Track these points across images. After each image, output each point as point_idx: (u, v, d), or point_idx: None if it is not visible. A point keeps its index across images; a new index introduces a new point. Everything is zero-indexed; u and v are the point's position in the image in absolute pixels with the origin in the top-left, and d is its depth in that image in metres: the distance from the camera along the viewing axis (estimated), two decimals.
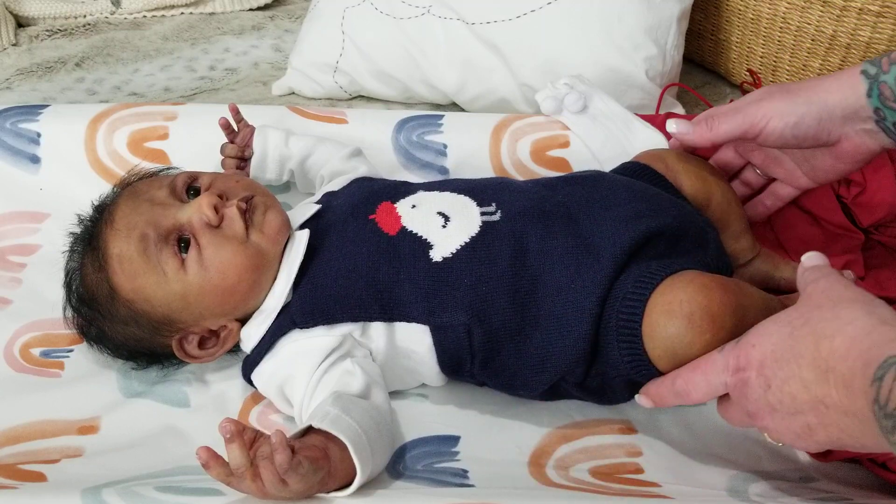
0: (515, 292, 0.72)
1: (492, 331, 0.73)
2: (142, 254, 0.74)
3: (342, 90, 1.25)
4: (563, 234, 0.74)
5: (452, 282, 0.73)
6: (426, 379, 0.78)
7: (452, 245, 0.74)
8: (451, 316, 0.73)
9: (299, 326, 0.74)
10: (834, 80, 0.74)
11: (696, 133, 0.78)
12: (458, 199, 0.78)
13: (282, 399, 0.75)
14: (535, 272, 0.73)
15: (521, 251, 0.74)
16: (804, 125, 0.73)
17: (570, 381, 0.73)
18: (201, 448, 0.61)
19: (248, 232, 0.75)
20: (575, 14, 1.14)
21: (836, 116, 0.73)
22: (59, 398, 0.78)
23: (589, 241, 0.73)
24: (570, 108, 0.99)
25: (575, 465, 0.74)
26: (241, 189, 0.78)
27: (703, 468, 0.74)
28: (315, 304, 0.74)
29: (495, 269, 0.73)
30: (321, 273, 0.76)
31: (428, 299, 0.73)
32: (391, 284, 0.74)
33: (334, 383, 0.71)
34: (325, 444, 0.64)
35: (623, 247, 0.72)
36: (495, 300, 0.72)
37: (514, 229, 0.75)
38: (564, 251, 0.73)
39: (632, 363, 0.68)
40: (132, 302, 0.75)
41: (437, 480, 0.70)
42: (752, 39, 1.23)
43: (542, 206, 0.77)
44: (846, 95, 0.72)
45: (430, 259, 0.74)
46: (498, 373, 0.75)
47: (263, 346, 0.75)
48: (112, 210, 0.77)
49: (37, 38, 1.38)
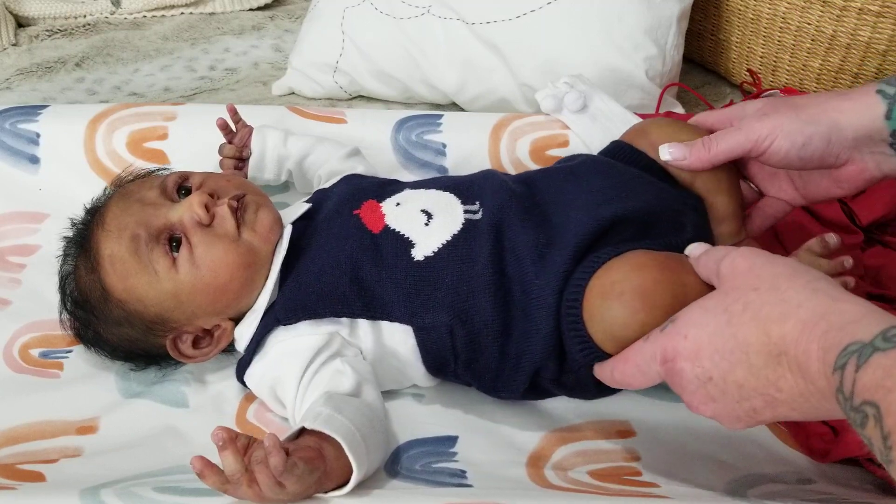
0: (495, 291, 0.72)
1: (474, 331, 0.72)
2: (133, 254, 0.74)
3: (342, 90, 1.25)
4: (534, 230, 0.73)
5: (434, 281, 0.73)
6: (415, 379, 0.78)
7: (434, 244, 0.74)
8: (433, 316, 0.73)
9: (282, 323, 0.74)
10: (846, 99, 0.68)
11: (693, 157, 0.73)
12: (443, 197, 0.78)
13: (274, 400, 0.75)
14: (510, 271, 0.73)
15: (499, 250, 0.73)
16: (812, 146, 0.68)
17: (546, 378, 0.72)
18: (195, 458, 0.60)
19: (239, 230, 0.75)
20: (575, 14, 1.14)
21: (846, 138, 0.68)
22: (58, 399, 0.78)
23: (556, 234, 0.73)
24: (570, 107, 0.99)
25: (573, 467, 0.74)
26: (233, 188, 0.78)
27: (702, 470, 0.73)
28: (297, 299, 0.74)
29: (475, 269, 0.73)
30: (305, 269, 0.76)
31: (410, 299, 0.73)
32: (374, 283, 0.74)
33: (325, 383, 0.71)
34: (320, 444, 0.64)
35: (583, 235, 0.71)
36: (476, 300, 0.72)
37: (494, 228, 0.74)
38: (533, 248, 0.72)
39: (582, 350, 0.67)
40: (125, 302, 0.75)
41: (434, 481, 0.70)
42: (752, 39, 1.23)
43: (522, 202, 0.76)
44: (860, 116, 0.67)
45: (411, 258, 0.74)
46: (481, 374, 0.74)
47: (252, 346, 0.75)
48: (103, 212, 0.77)
49: (37, 38, 1.38)
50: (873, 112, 0.67)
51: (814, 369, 0.51)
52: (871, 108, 0.67)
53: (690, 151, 0.73)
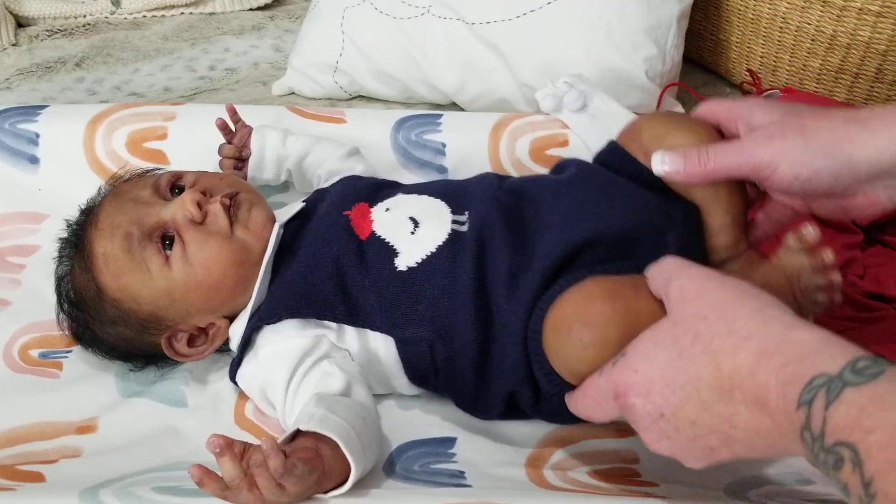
0: (476, 310, 0.70)
1: (453, 349, 0.71)
2: (126, 252, 0.74)
3: (342, 90, 1.25)
4: (511, 250, 0.71)
5: (415, 293, 0.72)
6: (399, 388, 0.77)
7: (418, 254, 0.73)
8: (413, 330, 0.71)
9: (266, 322, 0.74)
10: (864, 128, 0.61)
11: (687, 169, 0.67)
12: (433, 204, 0.76)
13: (265, 401, 0.75)
14: (489, 289, 0.71)
15: (481, 267, 0.71)
16: (817, 181, 0.62)
17: (524, 403, 0.71)
18: (193, 466, 0.60)
19: (232, 228, 0.75)
20: (575, 14, 1.14)
21: (859, 174, 0.61)
22: (58, 399, 0.78)
23: (530, 256, 0.70)
24: (570, 106, 0.99)
25: (573, 468, 0.73)
26: (226, 186, 0.79)
27: (702, 472, 0.73)
28: (281, 298, 0.74)
29: (456, 285, 0.71)
30: (292, 269, 0.76)
31: (391, 310, 0.72)
32: (356, 291, 0.73)
33: (314, 385, 0.71)
34: (316, 445, 0.64)
35: (550, 259, 0.68)
36: (457, 317, 0.70)
37: (476, 242, 0.72)
38: (507, 270, 0.70)
39: (549, 382, 0.66)
40: (119, 301, 0.75)
41: (433, 481, 0.70)
42: (751, 39, 1.22)
43: (508, 217, 0.73)
44: (880, 151, 0.60)
45: (394, 267, 0.73)
46: (460, 392, 0.73)
47: (242, 345, 0.75)
48: (97, 211, 0.78)
49: (37, 38, 1.38)
50: (893, 146, 0.60)
51: (773, 404, 0.48)
52: (892, 142, 0.60)
53: (685, 163, 0.67)
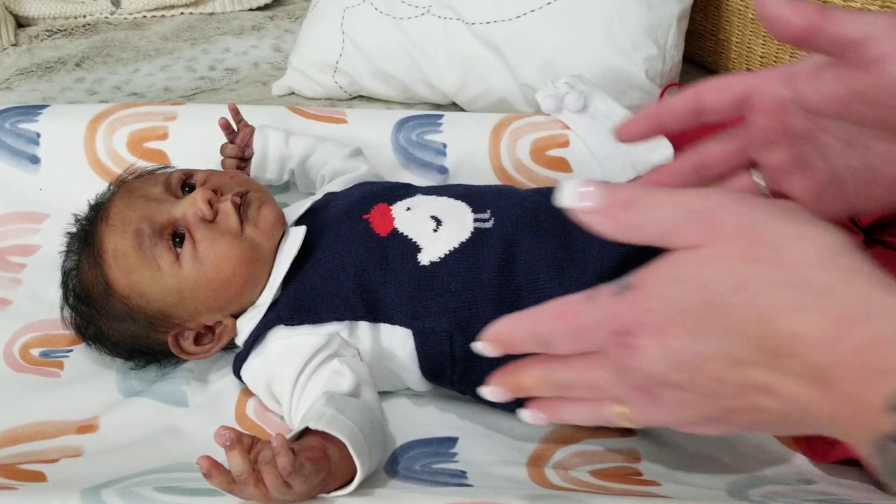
0: (500, 302, 0.71)
1: (474, 339, 0.71)
2: (136, 249, 0.74)
3: (342, 90, 1.25)
4: (552, 244, 0.72)
5: (437, 287, 0.73)
6: (409, 383, 0.78)
7: (441, 249, 0.74)
8: (433, 322, 0.72)
9: (285, 323, 0.74)
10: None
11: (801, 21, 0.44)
12: (454, 205, 0.78)
13: (269, 396, 0.75)
14: (520, 282, 0.72)
15: (510, 260, 0.72)
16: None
17: None
18: (202, 458, 0.60)
19: (242, 226, 0.75)
20: (575, 14, 1.14)
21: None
22: (59, 398, 0.78)
23: (578, 253, 0.72)
24: (570, 107, 0.99)
25: (574, 468, 0.73)
26: (236, 185, 0.79)
27: (703, 472, 0.73)
28: (301, 302, 0.74)
29: (481, 277, 0.72)
30: (311, 271, 0.76)
31: (412, 303, 0.73)
32: (377, 285, 0.74)
33: (323, 383, 0.71)
34: (324, 444, 0.64)
35: (610, 262, 0.70)
36: (479, 309, 0.71)
37: (504, 237, 0.73)
38: (551, 262, 0.72)
39: None
40: (127, 297, 0.75)
41: (435, 481, 0.70)
42: (752, 39, 1.23)
43: (537, 215, 0.75)
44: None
45: (417, 262, 0.74)
46: (477, 383, 0.74)
47: (251, 341, 0.75)
48: (107, 207, 0.78)
49: (37, 38, 1.38)
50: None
51: (843, 390, 0.37)
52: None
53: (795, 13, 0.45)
